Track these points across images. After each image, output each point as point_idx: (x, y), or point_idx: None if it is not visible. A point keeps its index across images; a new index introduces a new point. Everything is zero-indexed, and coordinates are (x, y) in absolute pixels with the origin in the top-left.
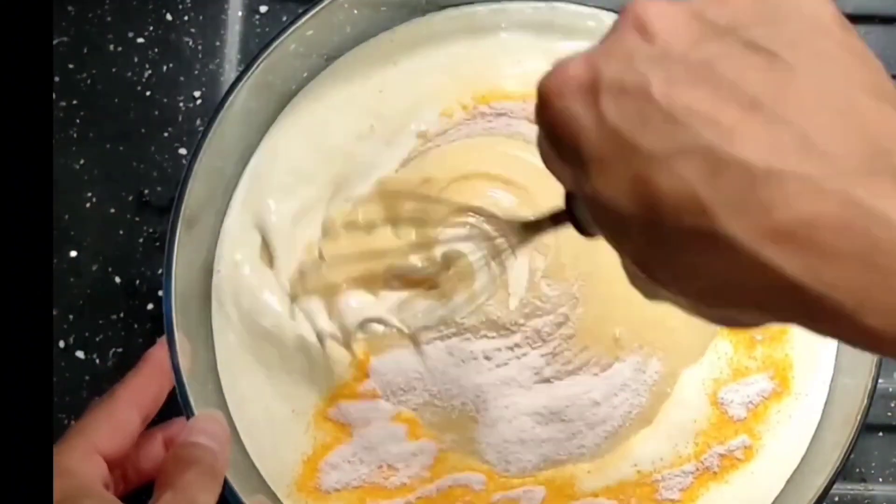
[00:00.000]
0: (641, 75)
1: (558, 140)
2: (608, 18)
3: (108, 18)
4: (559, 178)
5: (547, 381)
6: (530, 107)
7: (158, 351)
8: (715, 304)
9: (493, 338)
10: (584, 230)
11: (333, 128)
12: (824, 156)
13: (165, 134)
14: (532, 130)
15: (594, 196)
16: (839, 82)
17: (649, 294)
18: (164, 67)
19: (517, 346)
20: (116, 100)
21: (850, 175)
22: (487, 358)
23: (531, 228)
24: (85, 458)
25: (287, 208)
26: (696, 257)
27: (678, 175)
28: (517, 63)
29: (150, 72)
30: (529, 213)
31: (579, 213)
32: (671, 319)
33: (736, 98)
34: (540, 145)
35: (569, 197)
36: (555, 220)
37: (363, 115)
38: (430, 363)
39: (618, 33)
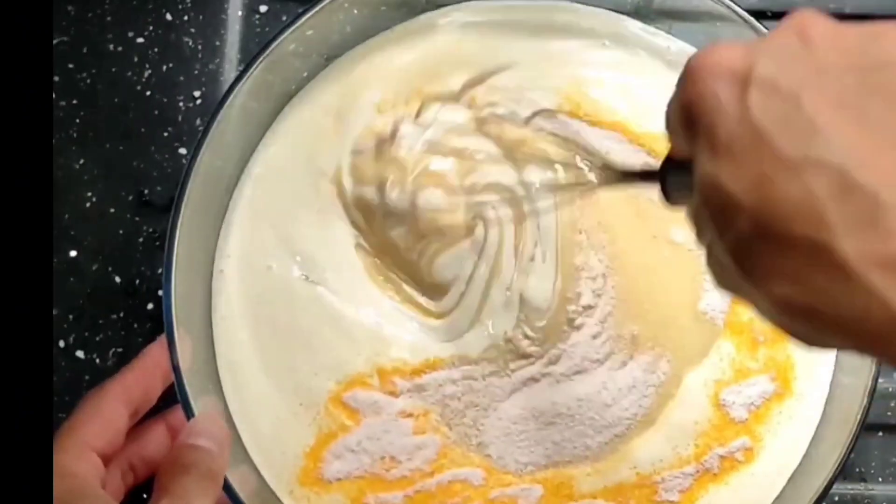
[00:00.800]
0: (796, 81)
1: (695, 117)
2: (608, 17)
3: (108, 18)
4: (673, 144)
5: (579, 372)
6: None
7: (156, 348)
8: (799, 316)
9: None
10: (669, 197)
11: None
12: None
13: (165, 134)
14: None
15: (713, 179)
16: None
17: (731, 289)
18: (164, 67)
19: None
20: (116, 100)
21: None
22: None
23: (618, 177)
24: (80, 456)
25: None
26: (797, 263)
27: (806, 185)
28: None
29: (150, 72)
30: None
31: (671, 179)
32: (681, 318)
33: (881, 132)
34: (669, 114)
35: (666, 162)
36: (643, 176)
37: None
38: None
39: (780, 34)
